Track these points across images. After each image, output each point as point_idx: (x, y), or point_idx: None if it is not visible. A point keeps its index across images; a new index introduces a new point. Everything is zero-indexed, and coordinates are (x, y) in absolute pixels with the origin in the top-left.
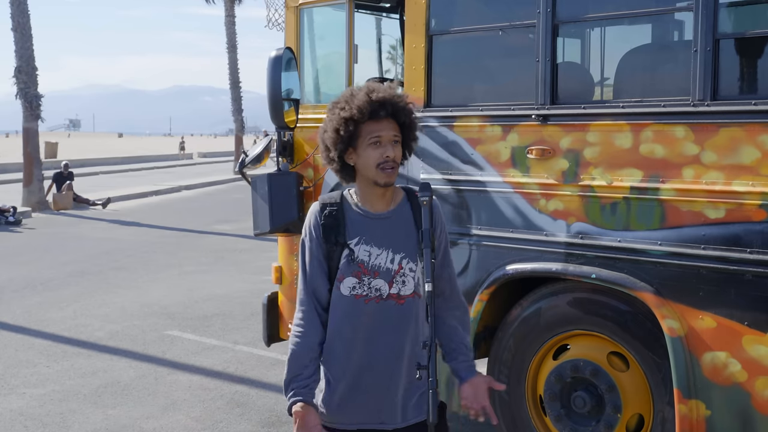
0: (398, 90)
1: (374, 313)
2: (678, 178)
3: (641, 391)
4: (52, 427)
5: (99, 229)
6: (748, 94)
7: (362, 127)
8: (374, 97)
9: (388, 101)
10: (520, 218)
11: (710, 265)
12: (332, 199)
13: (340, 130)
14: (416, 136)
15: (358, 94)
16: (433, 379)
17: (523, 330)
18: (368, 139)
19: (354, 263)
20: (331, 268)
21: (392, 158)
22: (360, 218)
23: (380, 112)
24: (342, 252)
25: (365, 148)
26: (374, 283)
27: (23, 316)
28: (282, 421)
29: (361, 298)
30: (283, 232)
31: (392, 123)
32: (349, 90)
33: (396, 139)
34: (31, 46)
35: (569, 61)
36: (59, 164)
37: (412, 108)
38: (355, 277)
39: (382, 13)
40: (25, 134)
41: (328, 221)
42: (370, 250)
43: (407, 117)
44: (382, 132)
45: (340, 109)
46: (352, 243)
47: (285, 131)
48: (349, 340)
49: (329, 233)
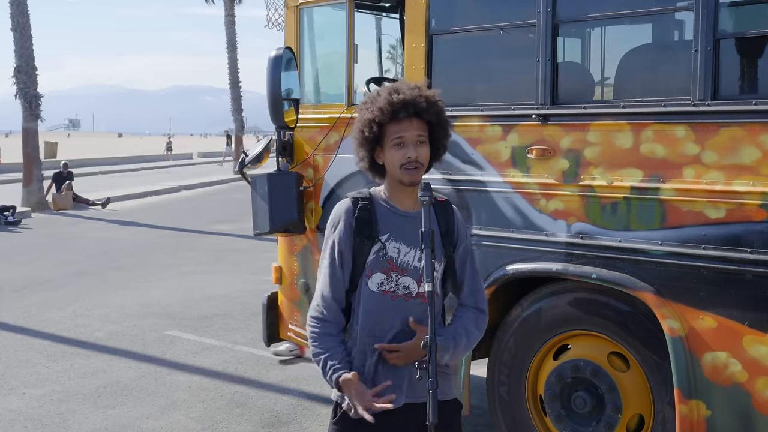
0: (426, 89)
1: (401, 310)
2: (678, 178)
3: (642, 392)
4: (51, 427)
5: (98, 229)
6: (749, 93)
7: (386, 127)
8: (395, 99)
9: (410, 102)
10: (521, 218)
11: (711, 265)
12: (362, 195)
13: (365, 131)
14: (447, 133)
15: (381, 95)
16: (433, 380)
17: (523, 330)
18: (391, 140)
19: (384, 259)
20: (357, 264)
21: (414, 158)
22: (390, 214)
23: (401, 114)
24: (372, 247)
25: (389, 149)
26: (402, 280)
27: (23, 316)
28: (282, 421)
29: (388, 294)
30: (283, 232)
31: (417, 122)
32: (377, 90)
33: (421, 138)
34: (31, 46)
35: (569, 61)
36: (58, 164)
37: (441, 105)
38: (384, 273)
39: (382, 13)
40: (25, 134)
41: (363, 214)
42: (399, 247)
43: (434, 116)
44: (404, 133)
45: (365, 109)
46: (383, 238)
47: (285, 131)
48: (375, 337)
49: (362, 227)
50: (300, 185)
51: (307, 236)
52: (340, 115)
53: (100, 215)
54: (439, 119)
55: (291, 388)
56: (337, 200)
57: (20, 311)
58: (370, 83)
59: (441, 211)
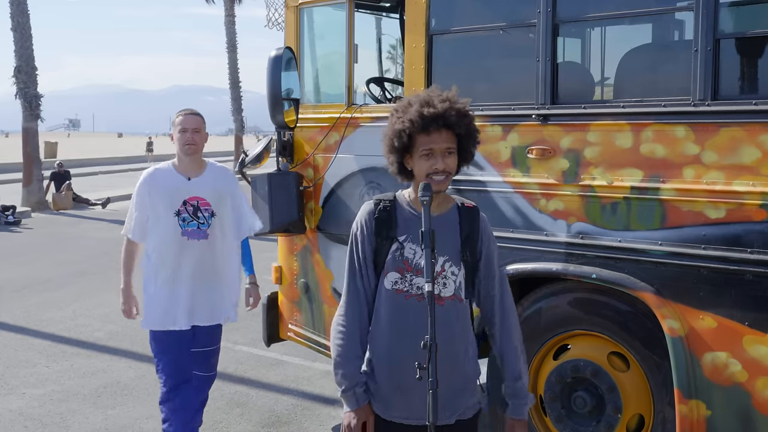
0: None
1: (415, 310)
2: (678, 178)
3: (642, 392)
4: (51, 427)
5: (99, 229)
6: (749, 93)
7: (416, 138)
8: (426, 113)
9: (440, 116)
10: (521, 218)
11: (711, 265)
12: (386, 197)
13: (395, 140)
14: (475, 143)
15: (413, 106)
16: (433, 380)
17: (523, 330)
18: (421, 150)
19: (400, 259)
20: (377, 264)
21: (442, 169)
22: (411, 217)
23: (431, 127)
24: (390, 247)
25: (418, 158)
26: (416, 280)
27: (23, 316)
28: (282, 421)
29: (401, 294)
30: (283, 232)
31: (447, 134)
32: (408, 98)
33: (450, 150)
34: (31, 46)
35: (569, 61)
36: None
37: (471, 116)
38: (398, 272)
39: (382, 13)
40: (25, 134)
41: (382, 215)
42: (416, 248)
43: (464, 128)
44: (434, 145)
45: (396, 118)
46: (401, 239)
47: (285, 131)
48: (390, 335)
49: (381, 227)
50: (300, 185)
51: (307, 236)
52: (340, 115)
53: (100, 215)
54: (468, 131)
55: (291, 388)
56: (337, 200)
57: (20, 311)
58: (370, 83)
59: (466, 217)
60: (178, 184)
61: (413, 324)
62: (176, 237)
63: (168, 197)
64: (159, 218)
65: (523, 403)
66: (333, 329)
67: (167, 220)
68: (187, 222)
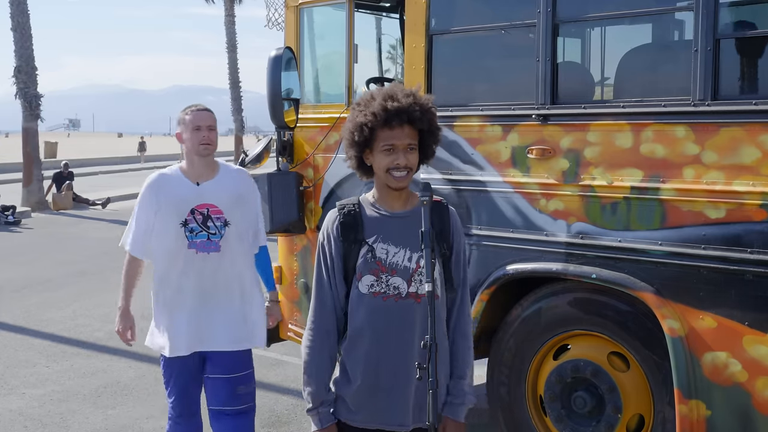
0: (420, 95)
1: (393, 311)
2: (678, 178)
3: (642, 392)
4: (51, 427)
5: (99, 229)
6: (749, 93)
7: (377, 132)
8: (389, 106)
9: (404, 110)
10: (521, 218)
11: (711, 265)
12: (349, 201)
13: (356, 133)
14: (437, 140)
15: (376, 100)
16: (433, 380)
17: (523, 330)
18: (381, 145)
19: (372, 261)
20: (348, 269)
21: (403, 165)
22: (377, 216)
23: (394, 121)
24: (360, 250)
25: (378, 153)
26: (392, 281)
27: (23, 316)
28: (282, 421)
29: (379, 296)
30: (283, 232)
31: (408, 130)
32: (371, 92)
33: (411, 146)
34: (31, 46)
35: (569, 61)
36: (59, 164)
37: (434, 112)
38: (373, 275)
39: (382, 13)
40: (25, 134)
41: (347, 219)
42: (388, 248)
43: (426, 124)
44: (396, 140)
45: (358, 112)
46: (371, 240)
47: (285, 131)
48: (368, 339)
49: (348, 231)
50: (300, 185)
51: (307, 236)
52: (340, 115)
53: (100, 215)
54: (431, 127)
55: (291, 388)
56: (337, 200)
57: (20, 311)
58: (370, 83)
59: (436, 212)
60: (187, 190)
61: (390, 325)
62: (182, 251)
63: (174, 206)
64: (163, 230)
65: (460, 403)
66: (302, 344)
67: (172, 231)
68: (196, 233)
